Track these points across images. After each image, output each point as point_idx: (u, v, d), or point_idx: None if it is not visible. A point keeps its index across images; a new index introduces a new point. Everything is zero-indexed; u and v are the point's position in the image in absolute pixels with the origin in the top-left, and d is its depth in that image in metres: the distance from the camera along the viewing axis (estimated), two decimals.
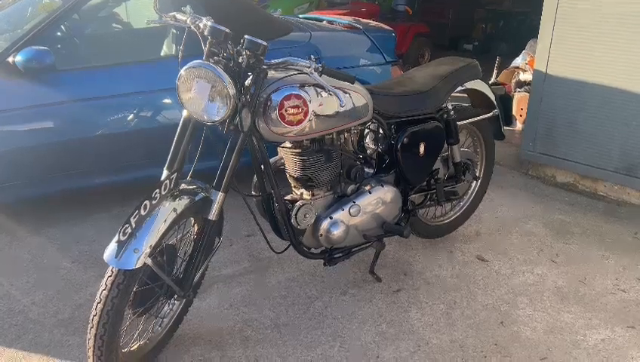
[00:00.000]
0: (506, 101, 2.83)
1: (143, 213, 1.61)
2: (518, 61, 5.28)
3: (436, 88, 2.41)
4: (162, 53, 3.23)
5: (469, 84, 2.65)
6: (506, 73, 5.27)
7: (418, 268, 2.63)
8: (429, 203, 2.60)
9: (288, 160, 2.08)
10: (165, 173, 1.84)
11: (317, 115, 1.93)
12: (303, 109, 1.87)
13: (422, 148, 2.36)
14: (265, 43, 1.71)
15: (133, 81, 2.95)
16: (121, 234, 1.57)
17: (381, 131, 2.32)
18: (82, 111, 2.84)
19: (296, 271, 2.58)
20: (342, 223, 2.16)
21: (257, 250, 2.76)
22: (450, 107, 2.52)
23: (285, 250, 2.18)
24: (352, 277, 2.54)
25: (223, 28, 1.72)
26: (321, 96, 1.93)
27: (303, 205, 2.07)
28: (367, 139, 2.41)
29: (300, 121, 1.88)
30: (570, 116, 3.62)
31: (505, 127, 2.87)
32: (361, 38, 3.65)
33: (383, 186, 2.29)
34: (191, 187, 1.82)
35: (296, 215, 2.06)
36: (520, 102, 4.63)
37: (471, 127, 2.78)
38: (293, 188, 2.19)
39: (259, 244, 2.79)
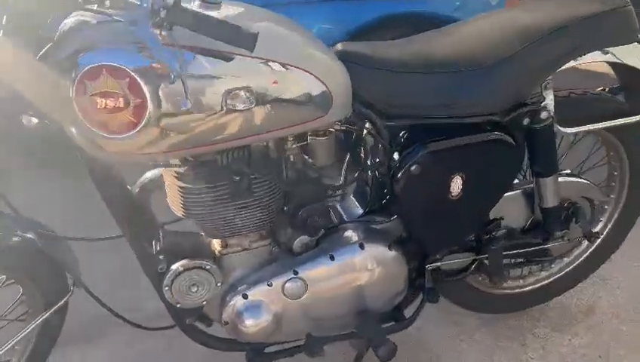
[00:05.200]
0: None
1: None
2: None
3: (520, 58, 1.14)
4: None
5: (615, 53, 1.30)
6: None
7: None
8: (472, 271, 1.40)
9: (169, 185, 1.11)
10: None
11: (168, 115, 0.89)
12: (130, 100, 0.85)
13: (458, 184, 1.17)
14: None
15: None
16: None
17: (372, 140, 1.17)
18: None
19: None
20: (266, 309, 1.14)
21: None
22: (549, 99, 1.24)
23: (166, 328, 1.24)
24: None
25: None
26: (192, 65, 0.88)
27: (187, 269, 1.10)
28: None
29: (132, 125, 0.88)
30: None
31: None
32: None
33: (363, 248, 1.18)
34: None
35: (170, 285, 1.11)
36: None
37: (606, 134, 1.45)
38: None
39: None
